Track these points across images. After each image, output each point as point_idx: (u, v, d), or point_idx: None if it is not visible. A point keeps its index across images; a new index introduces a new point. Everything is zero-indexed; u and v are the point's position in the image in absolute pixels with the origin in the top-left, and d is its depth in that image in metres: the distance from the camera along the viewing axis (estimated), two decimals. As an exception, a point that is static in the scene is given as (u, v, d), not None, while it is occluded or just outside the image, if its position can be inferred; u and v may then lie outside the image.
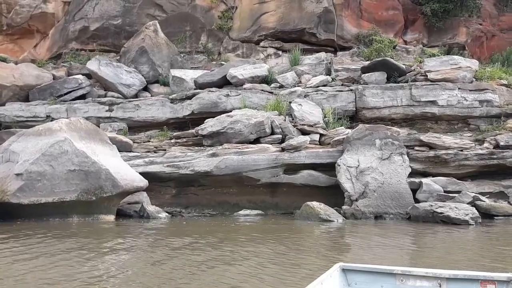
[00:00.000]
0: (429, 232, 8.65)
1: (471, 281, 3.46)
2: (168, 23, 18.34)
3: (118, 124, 14.20)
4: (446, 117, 13.48)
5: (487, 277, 3.45)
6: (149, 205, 10.67)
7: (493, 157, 11.90)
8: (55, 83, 15.61)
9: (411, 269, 3.70)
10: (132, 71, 15.74)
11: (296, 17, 17.26)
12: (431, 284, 3.56)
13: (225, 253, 6.23)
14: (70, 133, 9.76)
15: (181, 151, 12.34)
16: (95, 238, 7.56)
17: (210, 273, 5.08)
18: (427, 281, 3.57)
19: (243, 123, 12.16)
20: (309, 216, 10.14)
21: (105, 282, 4.70)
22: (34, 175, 9.13)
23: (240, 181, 11.77)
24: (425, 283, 3.57)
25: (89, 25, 18.69)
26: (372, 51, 15.69)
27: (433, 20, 17.59)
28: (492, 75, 14.42)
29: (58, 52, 19.05)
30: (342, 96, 13.72)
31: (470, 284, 3.45)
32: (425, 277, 3.58)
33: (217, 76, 14.86)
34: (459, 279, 3.49)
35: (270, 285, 4.62)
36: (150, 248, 6.67)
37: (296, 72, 15.18)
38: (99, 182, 9.62)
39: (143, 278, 4.86)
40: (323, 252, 6.59)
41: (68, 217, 9.57)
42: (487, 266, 5.43)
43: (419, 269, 3.70)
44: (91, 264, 5.47)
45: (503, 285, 3.38)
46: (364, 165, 11.12)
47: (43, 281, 4.70)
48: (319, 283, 3.36)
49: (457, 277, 3.49)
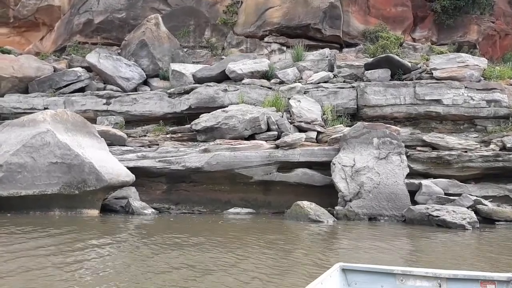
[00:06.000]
0: (418, 236, 8.20)
1: (471, 281, 3.47)
2: (172, 17, 18.12)
3: (115, 118, 13.99)
4: (452, 117, 12.92)
5: (487, 277, 3.45)
6: (135, 201, 10.38)
7: (498, 159, 11.39)
8: (54, 76, 15.45)
9: (411, 269, 3.69)
10: (131, 64, 15.50)
11: (302, 12, 16.82)
12: (431, 284, 3.56)
13: (190, 255, 5.85)
14: (54, 124, 9.51)
15: (173, 146, 12.05)
16: (59, 233, 7.20)
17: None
18: (427, 281, 3.58)
19: (237, 118, 11.81)
20: (299, 216, 9.72)
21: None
22: (14, 167, 8.92)
23: (232, 178, 11.42)
24: (425, 283, 3.58)
25: (93, 18, 18.55)
26: (378, 48, 15.15)
27: (443, 17, 16.97)
28: (501, 74, 13.81)
29: (63, 45, 18.95)
30: (343, 93, 13.28)
31: (470, 284, 3.46)
32: (425, 277, 3.58)
33: (216, 71, 14.52)
34: (459, 279, 3.49)
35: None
36: (109, 248, 6.27)
37: (298, 68, 14.76)
38: (82, 175, 9.35)
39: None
40: (299, 257, 6.17)
41: (49, 210, 9.34)
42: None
43: (419, 269, 3.70)
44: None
45: (503, 285, 3.40)
46: (360, 165, 10.67)
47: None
48: (319, 283, 3.32)
49: (457, 277, 3.49)
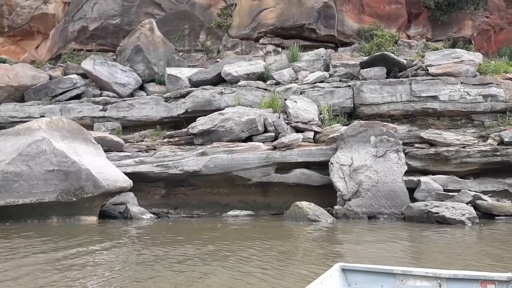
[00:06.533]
0: (418, 233, 8.14)
1: (471, 281, 3.45)
2: (167, 21, 18.13)
3: (112, 124, 13.99)
4: (448, 113, 12.91)
5: (487, 277, 3.44)
6: (133, 206, 10.34)
7: (496, 154, 11.38)
8: (50, 83, 15.43)
9: (411, 269, 3.68)
10: (127, 70, 15.49)
11: (296, 13, 16.83)
12: (431, 284, 3.55)
13: (190, 258, 5.83)
14: (50, 132, 9.47)
15: (171, 150, 12.02)
16: (55, 240, 7.13)
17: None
18: (427, 281, 3.57)
19: (234, 120, 11.79)
20: (298, 216, 9.68)
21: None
22: (10, 176, 8.86)
23: (231, 181, 11.39)
24: (425, 283, 3.57)
25: (87, 25, 18.56)
26: (373, 46, 15.15)
27: (437, 13, 16.98)
28: (497, 68, 13.80)
29: (58, 53, 18.95)
30: (340, 92, 13.26)
31: (470, 284, 3.44)
32: (425, 277, 3.57)
33: (212, 74, 14.51)
34: (459, 279, 3.47)
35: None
36: (107, 253, 6.25)
37: (294, 68, 14.74)
38: (80, 182, 9.32)
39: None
40: (296, 257, 6.14)
41: (47, 218, 9.30)
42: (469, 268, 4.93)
43: (419, 269, 3.69)
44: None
45: (503, 285, 3.38)
46: (358, 163, 10.64)
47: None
48: (319, 283, 3.31)
49: (457, 277, 3.48)
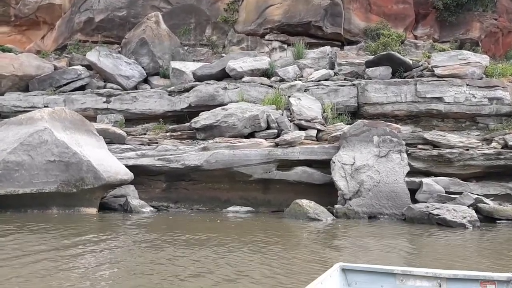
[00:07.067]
0: (418, 235, 8.09)
1: (471, 281, 3.46)
2: (173, 15, 18.08)
3: (115, 116, 13.96)
4: (453, 115, 12.81)
5: (487, 277, 3.45)
6: (133, 199, 10.33)
7: (500, 157, 11.30)
8: (54, 74, 15.41)
9: (411, 269, 3.69)
10: (131, 62, 15.46)
11: (302, 9, 16.75)
12: (431, 284, 3.56)
13: (190, 253, 5.80)
14: (52, 122, 9.47)
15: (173, 144, 11.99)
16: (50, 231, 7.14)
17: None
18: (427, 281, 3.58)
19: (237, 116, 11.74)
20: (297, 214, 9.65)
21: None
22: (11, 165, 8.88)
23: (232, 177, 11.36)
24: (425, 283, 3.58)
25: (94, 16, 18.52)
26: (379, 45, 15.07)
27: (445, 14, 16.87)
28: (503, 71, 13.67)
29: (64, 44, 18.95)
30: (344, 91, 13.18)
31: (470, 284, 3.46)
32: (425, 277, 3.58)
33: (216, 69, 14.46)
34: (459, 279, 3.49)
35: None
36: (106, 245, 6.24)
37: (299, 65, 14.67)
38: (80, 173, 9.31)
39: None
40: (295, 253, 6.11)
41: (47, 209, 9.31)
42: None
43: (419, 269, 3.70)
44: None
45: (503, 285, 3.39)
46: (360, 163, 10.59)
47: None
48: (319, 283, 3.30)
49: (457, 277, 3.49)
